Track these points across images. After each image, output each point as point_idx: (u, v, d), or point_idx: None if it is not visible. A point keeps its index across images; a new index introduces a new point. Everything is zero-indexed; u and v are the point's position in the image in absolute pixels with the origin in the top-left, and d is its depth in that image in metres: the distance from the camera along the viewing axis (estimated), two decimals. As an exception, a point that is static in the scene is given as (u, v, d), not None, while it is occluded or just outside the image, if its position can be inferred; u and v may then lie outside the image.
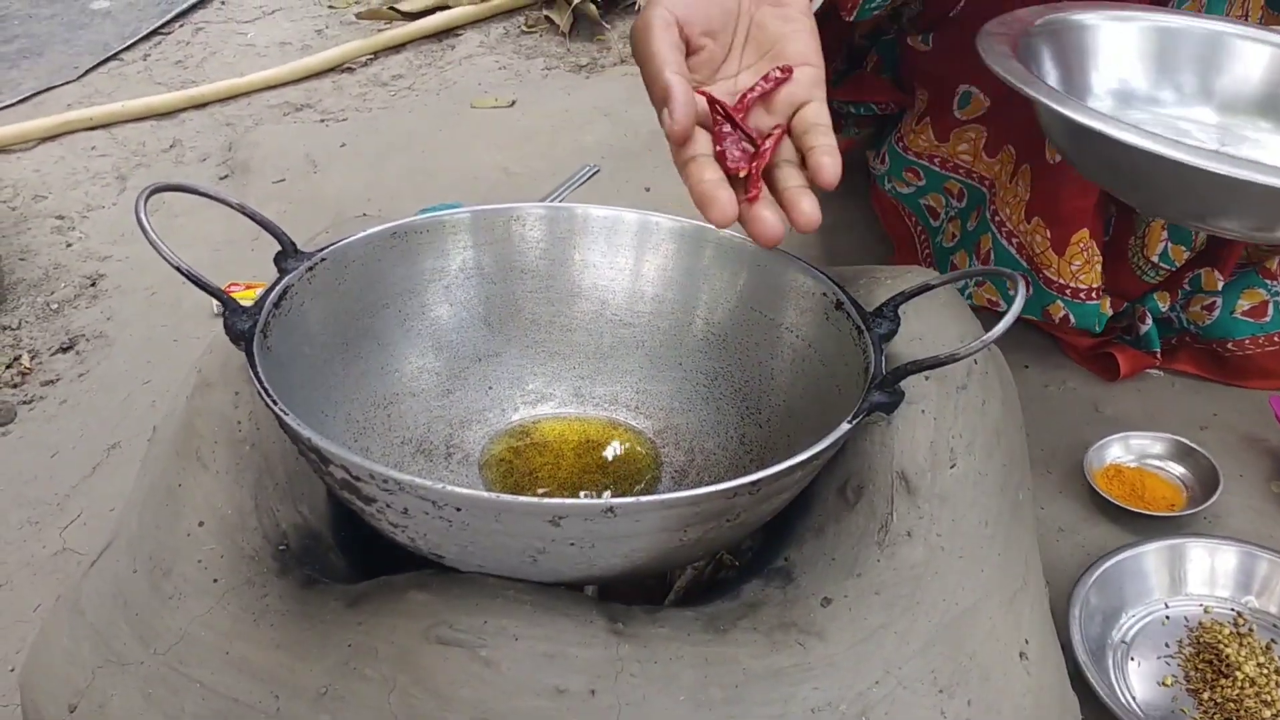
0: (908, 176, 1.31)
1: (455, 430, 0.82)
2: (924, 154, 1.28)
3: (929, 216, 1.33)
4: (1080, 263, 1.15)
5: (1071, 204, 1.13)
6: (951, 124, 1.24)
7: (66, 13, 2.26)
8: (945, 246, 1.30)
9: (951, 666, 0.67)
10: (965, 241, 1.27)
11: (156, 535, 0.72)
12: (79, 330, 1.38)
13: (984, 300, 1.24)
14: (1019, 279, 0.70)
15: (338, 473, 0.61)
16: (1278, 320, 1.19)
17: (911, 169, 1.30)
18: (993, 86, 1.18)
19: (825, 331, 0.76)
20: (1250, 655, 0.92)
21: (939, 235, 1.31)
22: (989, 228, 1.22)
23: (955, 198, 1.28)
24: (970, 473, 0.73)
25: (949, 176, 1.27)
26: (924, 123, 1.26)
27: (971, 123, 1.23)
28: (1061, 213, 1.14)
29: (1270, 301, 1.20)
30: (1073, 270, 1.15)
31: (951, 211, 1.29)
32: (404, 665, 0.61)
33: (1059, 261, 1.15)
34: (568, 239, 0.85)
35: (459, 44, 2.09)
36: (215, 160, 1.76)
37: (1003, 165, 1.21)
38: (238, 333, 0.68)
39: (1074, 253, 1.14)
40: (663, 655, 0.62)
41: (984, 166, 1.23)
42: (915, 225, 1.36)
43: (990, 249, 1.22)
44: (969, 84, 1.21)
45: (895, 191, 1.34)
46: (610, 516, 0.58)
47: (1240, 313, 1.21)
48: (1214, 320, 1.22)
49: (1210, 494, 1.06)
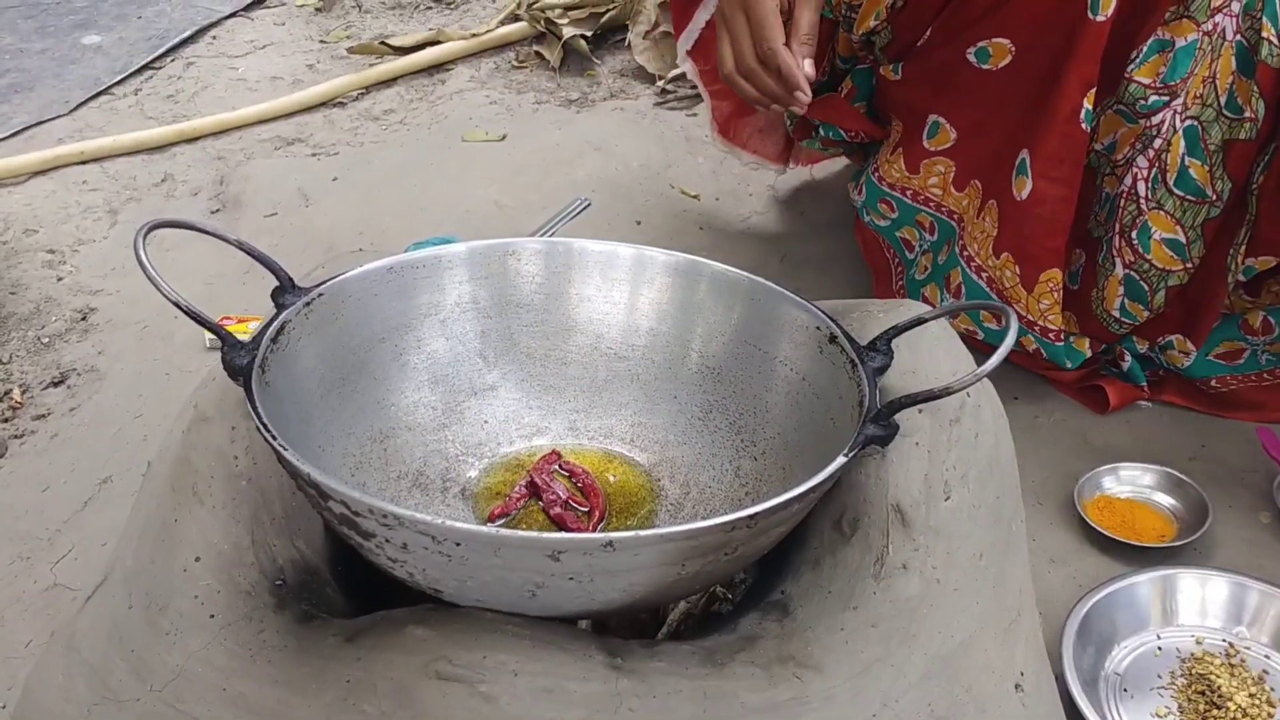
0: (882, 208, 1.32)
1: (451, 464, 0.83)
2: (897, 185, 1.28)
3: (904, 249, 1.34)
4: (1049, 303, 1.15)
5: (1040, 243, 1.13)
6: (921, 154, 1.24)
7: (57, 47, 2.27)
8: (917, 280, 1.31)
9: (948, 699, 0.67)
10: (936, 275, 1.27)
11: (152, 571, 0.72)
12: (70, 364, 1.38)
13: (960, 329, 1.25)
14: (1010, 312, 0.70)
15: (337, 508, 0.61)
16: (1252, 363, 1.20)
17: (886, 200, 1.31)
18: (960, 118, 1.19)
19: (819, 365, 0.77)
20: (1242, 686, 0.92)
21: (913, 268, 1.32)
22: (958, 262, 1.23)
23: (927, 231, 1.29)
24: (964, 505, 0.73)
25: (920, 209, 1.28)
26: (897, 153, 1.27)
27: (940, 155, 1.23)
28: (1030, 251, 1.14)
29: (1247, 349, 1.21)
30: (1041, 309, 1.15)
31: (924, 245, 1.30)
32: (403, 701, 0.61)
33: (1028, 298, 1.16)
34: (563, 273, 0.86)
35: (450, 79, 2.10)
36: (207, 194, 1.76)
37: (970, 200, 1.21)
38: (236, 368, 0.69)
39: (1042, 291, 1.14)
40: (661, 690, 0.63)
41: (952, 201, 1.24)
42: (893, 257, 1.37)
43: (960, 283, 1.23)
44: (936, 114, 1.21)
45: (874, 224, 1.35)
46: (609, 551, 0.58)
47: (1214, 355, 1.22)
48: (1190, 365, 1.23)
49: (1200, 525, 1.07)
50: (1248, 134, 1.04)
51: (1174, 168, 1.07)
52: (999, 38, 1.12)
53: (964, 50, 1.15)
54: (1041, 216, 1.11)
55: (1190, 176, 1.07)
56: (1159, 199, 1.09)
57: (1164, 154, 1.07)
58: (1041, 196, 1.10)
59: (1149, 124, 1.07)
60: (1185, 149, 1.06)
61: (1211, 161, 1.06)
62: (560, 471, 0.81)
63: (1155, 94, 1.06)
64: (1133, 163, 1.09)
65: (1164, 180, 1.08)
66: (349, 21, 2.38)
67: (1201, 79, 1.05)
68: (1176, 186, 1.08)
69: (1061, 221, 1.12)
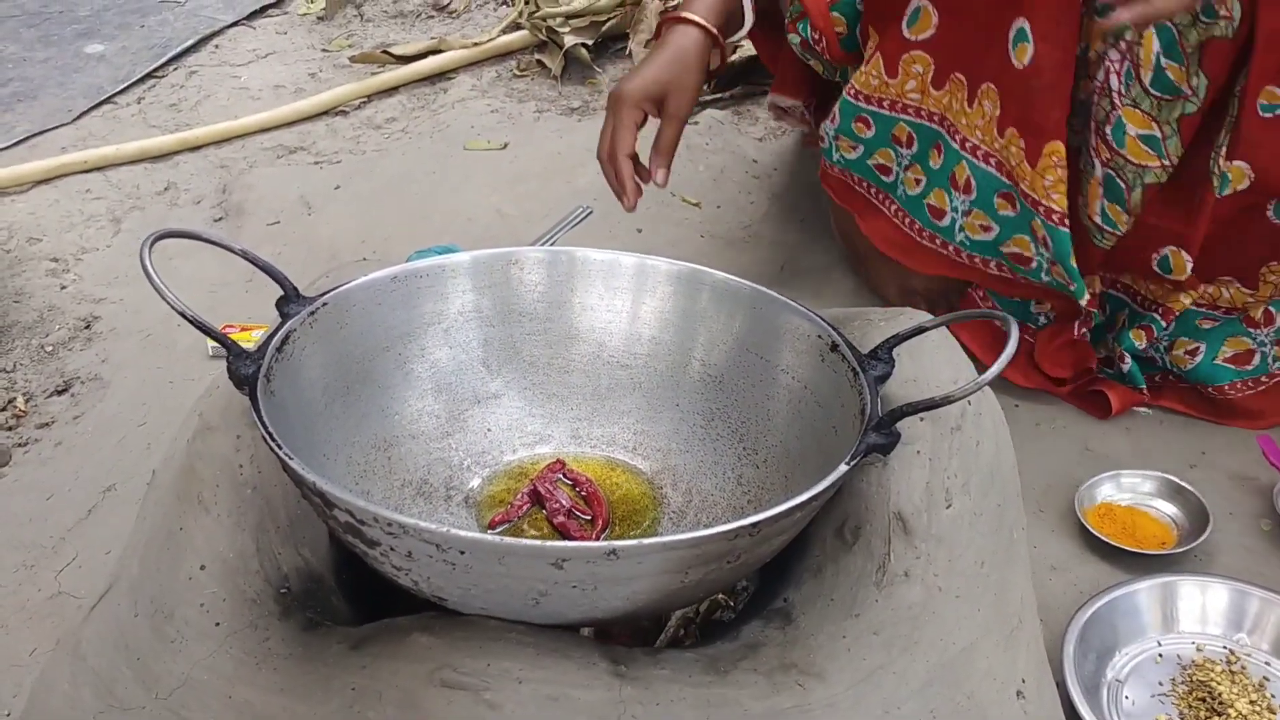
0: (857, 129, 1.29)
1: (455, 472, 0.83)
2: (873, 97, 1.26)
3: (880, 175, 1.32)
4: (1053, 179, 1.13)
5: (1044, 113, 1.12)
6: (900, 47, 1.22)
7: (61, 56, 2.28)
8: (912, 194, 1.29)
9: (950, 706, 0.67)
10: (937, 180, 1.26)
11: (158, 579, 0.72)
12: (74, 373, 1.38)
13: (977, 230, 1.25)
14: (1010, 320, 0.71)
15: (342, 516, 0.61)
16: (1263, 365, 1.20)
17: (862, 118, 1.28)
18: (942, 1, 1.18)
19: (821, 373, 0.77)
20: (1243, 692, 0.93)
21: (900, 187, 1.30)
22: (960, 156, 1.21)
23: (904, 145, 1.27)
24: (966, 513, 0.74)
25: (898, 118, 1.26)
26: (875, 59, 1.25)
27: (919, 47, 1.21)
28: (1034, 120, 1.13)
29: (1256, 350, 1.20)
30: (1045, 185, 1.14)
31: (904, 160, 1.29)
32: (408, 708, 0.61)
33: (1033, 174, 1.14)
34: (566, 282, 0.87)
35: (452, 87, 2.11)
36: (210, 203, 1.77)
37: (952, 95, 1.20)
38: (241, 377, 0.69)
39: (1046, 165, 1.13)
40: (664, 697, 0.63)
41: (931, 101, 1.23)
42: (870, 189, 1.34)
43: (969, 175, 1.21)
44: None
45: (843, 160, 1.33)
46: (613, 559, 0.58)
47: (1223, 359, 1.22)
48: (1196, 365, 1.23)
49: (1201, 532, 1.07)
50: (1223, 32, 1.04)
51: (1148, 65, 1.07)
52: None
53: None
54: (1042, 85, 1.11)
55: (1167, 77, 1.07)
56: (1134, 98, 1.09)
57: (1135, 48, 1.08)
58: (1042, 63, 1.10)
59: None
60: (1160, 49, 1.06)
61: (1188, 62, 1.06)
62: (564, 480, 0.82)
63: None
64: (1105, 57, 1.10)
65: (1138, 77, 1.08)
66: (351, 30, 2.39)
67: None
68: (1152, 86, 1.08)
69: (1062, 88, 1.11)
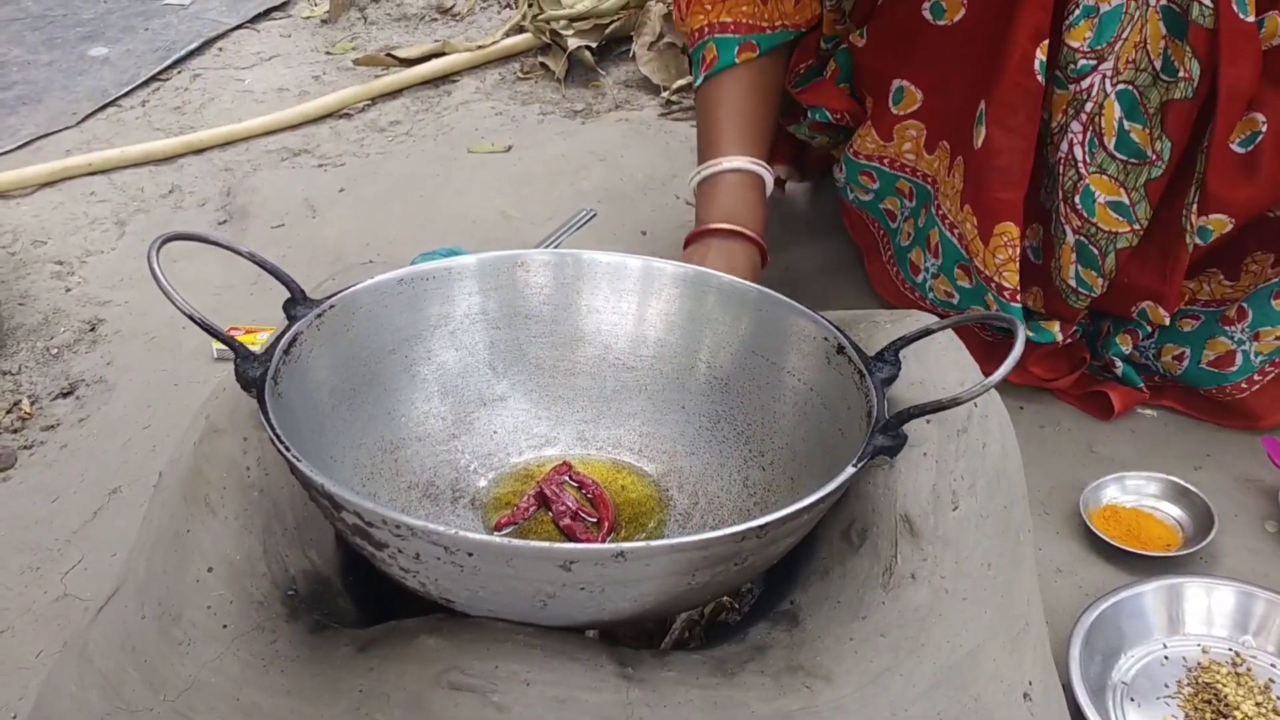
0: (863, 181, 1.33)
1: (461, 474, 0.83)
2: (874, 156, 1.30)
3: (887, 220, 1.36)
4: (1004, 257, 1.15)
5: (994, 194, 1.14)
6: (891, 121, 1.26)
7: (65, 59, 2.28)
8: (903, 245, 1.33)
9: (957, 709, 0.67)
10: (918, 238, 1.29)
11: (165, 581, 0.72)
12: (79, 375, 1.38)
13: (942, 293, 1.28)
14: (1017, 323, 0.71)
15: (350, 518, 0.61)
16: (1247, 365, 1.21)
17: (865, 172, 1.32)
18: (922, 78, 1.21)
19: (827, 375, 0.77)
20: (1249, 695, 0.93)
21: (897, 235, 1.34)
22: (935, 222, 1.24)
23: (907, 197, 1.31)
24: (972, 515, 0.74)
25: (899, 175, 1.29)
26: (868, 126, 1.28)
27: (910, 118, 1.24)
28: (985, 201, 1.15)
29: (1236, 350, 1.21)
30: (996, 264, 1.16)
31: (905, 211, 1.32)
32: (416, 711, 0.61)
33: (984, 252, 1.16)
34: (572, 284, 0.87)
35: (455, 90, 2.12)
36: (214, 205, 1.77)
37: (940, 160, 1.23)
38: (249, 380, 0.69)
39: (998, 244, 1.15)
40: (672, 699, 0.63)
41: (925, 164, 1.25)
42: (878, 231, 1.39)
43: (938, 242, 1.24)
44: (900, 79, 1.23)
45: (858, 200, 1.37)
46: (620, 561, 0.58)
47: (1206, 363, 1.22)
48: (1184, 371, 1.23)
49: (1206, 534, 1.07)
50: (1183, 94, 1.05)
51: (1110, 131, 1.09)
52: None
53: (919, 6, 1.16)
54: (996, 167, 1.13)
55: (1131, 140, 1.08)
56: (1100, 163, 1.10)
57: (1097, 118, 1.09)
58: (996, 146, 1.12)
59: (1079, 88, 1.08)
60: (1123, 113, 1.08)
61: (1151, 123, 1.07)
62: (570, 482, 0.82)
63: (1084, 58, 1.07)
64: (1067, 129, 1.11)
65: (1102, 144, 1.09)
66: (355, 33, 2.39)
67: (1133, 44, 1.06)
68: (1117, 150, 1.09)
69: (1015, 173, 1.12)
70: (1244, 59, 1.02)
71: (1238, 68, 1.02)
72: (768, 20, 1.23)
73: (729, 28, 1.22)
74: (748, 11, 1.23)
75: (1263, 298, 1.18)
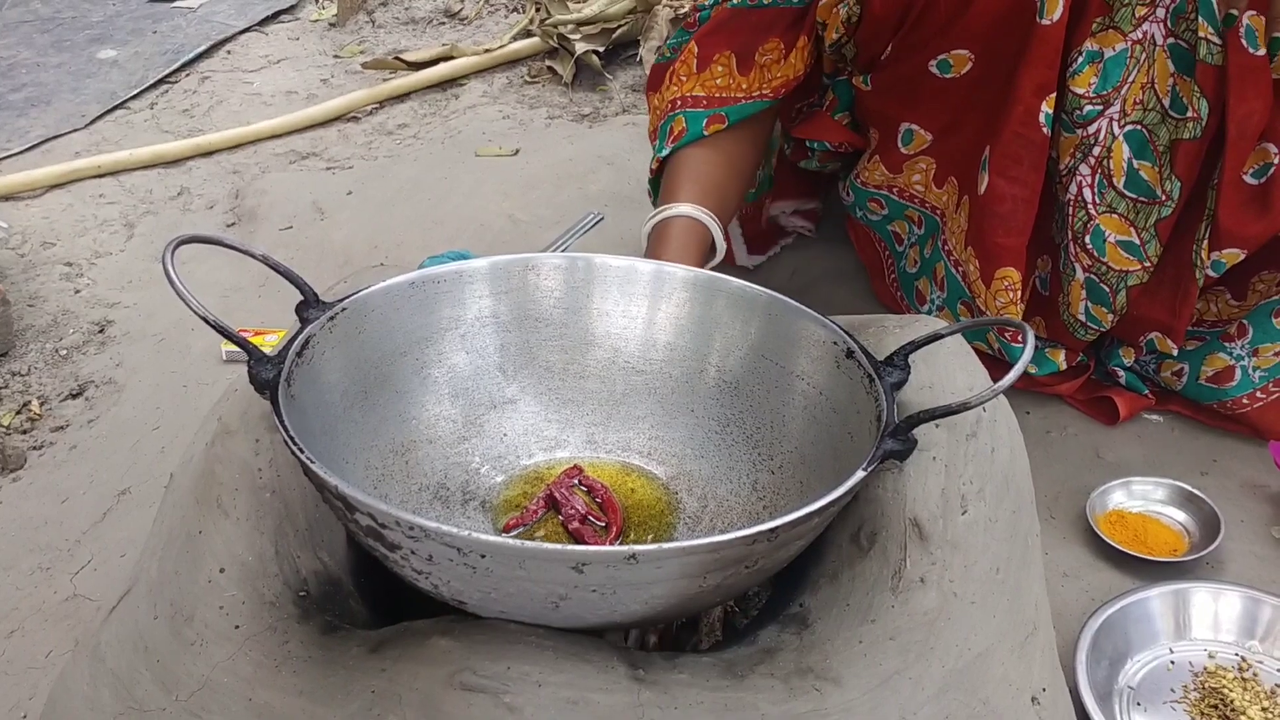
0: (872, 206, 1.34)
1: (471, 476, 0.84)
2: (882, 186, 1.31)
3: (894, 242, 1.36)
4: (1005, 300, 1.16)
5: (995, 240, 1.14)
6: (900, 159, 1.27)
7: (74, 62, 2.29)
8: (909, 272, 1.33)
9: (966, 712, 0.67)
10: (925, 268, 1.30)
11: (177, 582, 0.72)
12: (88, 376, 1.39)
13: None
14: (1026, 329, 0.71)
15: (364, 520, 0.62)
16: (1246, 381, 1.21)
17: (874, 199, 1.33)
18: (931, 122, 1.21)
19: (837, 380, 0.78)
20: (1255, 700, 0.93)
21: (903, 260, 1.34)
22: (941, 256, 1.25)
23: (916, 224, 1.31)
24: (981, 519, 0.74)
25: (908, 205, 1.30)
26: (875, 159, 1.29)
27: (920, 155, 1.25)
28: (987, 246, 1.15)
29: (1235, 366, 1.21)
30: (997, 306, 1.16)
31: (913, 238, 1.32)
32: (428, 711, 0.61)
33: (986, 294, 1.17)
34: (582, 288, 0.87)
35: (463, 94, 2.12)
36: (223, 208, 1.78)
37: (949, 195, 1.23)
38: (262, 382, 0.69)
39: (999, 288, 1.16)
40: (682, 701, 0.63)
41: (934, 197, 1.26)
42: (884, 250, 1.39)
43: (944, 276, 1.25)
44: (909, 123, 1.24)
45: (867, 219, 1.37)
46: (632, 563, 0.59)
47: (1205, 379, 1.22)
48: (1184, 386, 1.24)
49: (1212, 539, 1.07)
50: (1191, 133, 1.06)
51: (1120, 172, 1.09)
52: (958, 49, 1.15)
53: (926, 64, 1.17)
54: (998, 214, 1.13)
55: (1141, 179, 1.09)
56: (1110, 203, 1.11)
57: (1105, 160, 1.10)
58: (999, 194, 1.12)
59: (1086, 133, 1.09)
60: (1131, 153, 1.08)
61: (1160, 162, 1.08)
62: (579, 486, 0.82)
63: (1089, 103, 1.08)
64: (1076, 171, 1.12)
65: (1112, 184, 1.10)
66: (363, 37, 2.40)
67: (1140, 85, 1.06)
68: (1127, 189, 1.10)
69: (1018, 221, 1.13)
70: (1254, 94, 1.03)
71: (1247, 104, 1.03)
72: (744, 91, 1.21)
73: (701, 102, 1.21)
74: (722, 85, 1.21)
75: (1263, 315, 1.18)
